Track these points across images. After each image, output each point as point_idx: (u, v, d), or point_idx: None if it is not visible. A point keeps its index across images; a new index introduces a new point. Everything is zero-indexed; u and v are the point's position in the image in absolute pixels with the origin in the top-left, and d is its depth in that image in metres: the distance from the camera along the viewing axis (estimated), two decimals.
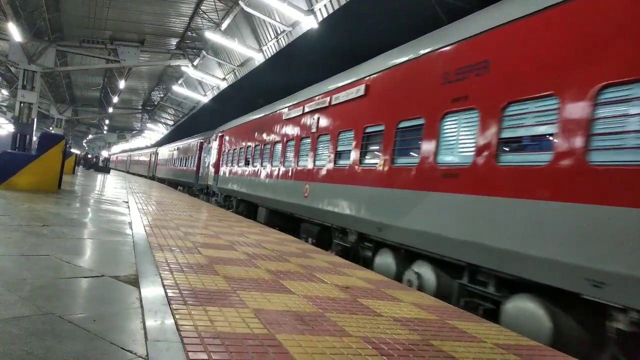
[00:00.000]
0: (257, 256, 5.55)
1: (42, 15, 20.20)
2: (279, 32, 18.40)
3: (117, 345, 2.37)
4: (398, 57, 6.95)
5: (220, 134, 19.02)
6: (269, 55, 20.22)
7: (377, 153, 7.04)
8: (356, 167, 7.54)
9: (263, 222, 11.69)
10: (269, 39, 19.41)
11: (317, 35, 16.89)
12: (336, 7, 14.33)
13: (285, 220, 11.29)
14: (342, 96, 8.46)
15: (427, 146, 5.77)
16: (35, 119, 22.44)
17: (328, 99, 9.09)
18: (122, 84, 30.49)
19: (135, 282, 3.65)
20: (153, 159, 41.52)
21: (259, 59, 21.04)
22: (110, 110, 41.54)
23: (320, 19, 15.10)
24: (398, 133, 6.50)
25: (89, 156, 50.68)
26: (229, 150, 17.42)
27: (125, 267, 4.19)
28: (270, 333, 2.75)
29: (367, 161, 7.34)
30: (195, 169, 23.47)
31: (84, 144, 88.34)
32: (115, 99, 37.02)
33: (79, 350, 2.24)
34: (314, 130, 9.60)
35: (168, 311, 2.91)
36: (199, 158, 22.88)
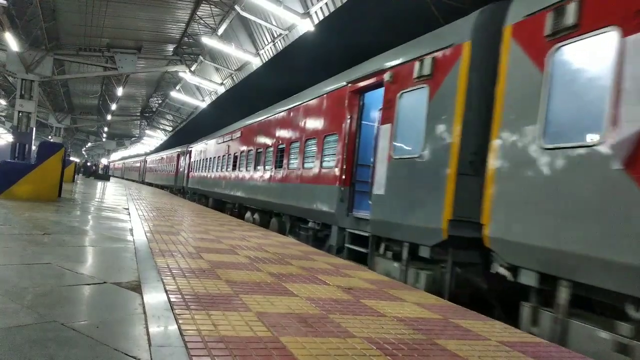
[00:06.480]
0: (259, 259, 5.54)
1: (38, 24, 20.20)
2: (276, 35, 18.42)
3: (120, 352, 2.36)
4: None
5: None
6: (266, 59, 20.25)
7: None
8: None
9: None
10: (266, 42, 19.43)
11: (313, 38, 16.90)
12: (332, 9, 14.36)
13: None
14: None
15: None
16: (34, 128, 22.40)
17: None
18: (120, 91, 30.50)
19: (137, 288, 3.64)
20: (182, 163, 28.53)
21: (256, 62, 21.06)
22: (109, 117, 41.53)
23: (316, 21, 15.13)
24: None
25: (89, 164, 50.66)
26: None
27: (127, 273, 4.18)
28: (274, 336, 2.75)
29: None
30: (341, 167, 7.87)
31: (83, 152, 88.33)
32: (114, 107, 37.02)
33: (82, 357, 2.24)
34: None
35: (171, 316, 2.91)
36: (350, 138, 7.77)
